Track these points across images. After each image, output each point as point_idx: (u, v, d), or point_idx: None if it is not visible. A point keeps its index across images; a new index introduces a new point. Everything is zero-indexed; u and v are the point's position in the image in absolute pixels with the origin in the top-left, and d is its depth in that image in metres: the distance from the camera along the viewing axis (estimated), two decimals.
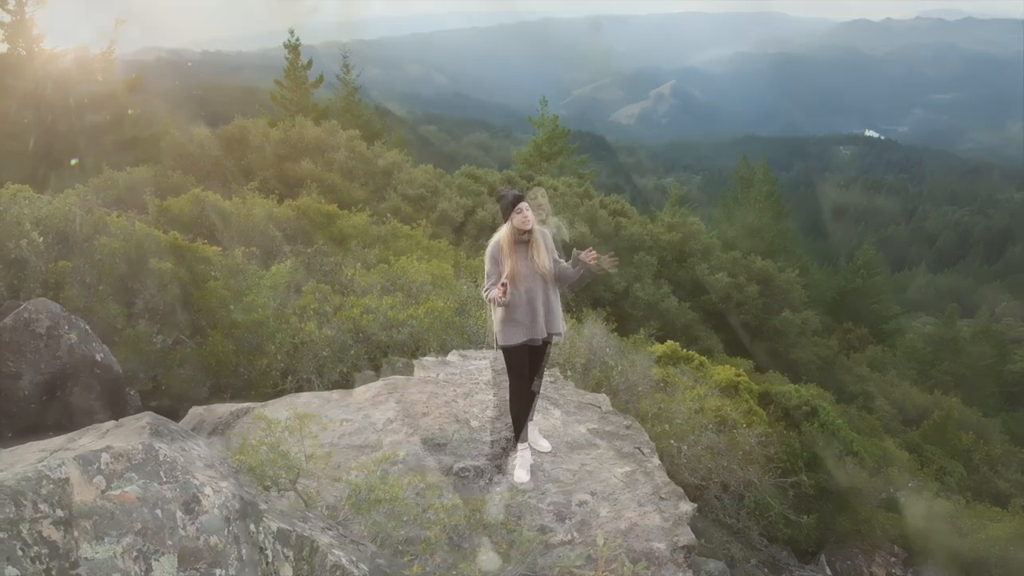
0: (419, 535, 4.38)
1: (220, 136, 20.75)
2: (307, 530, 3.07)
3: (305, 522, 3.21)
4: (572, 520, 5.26)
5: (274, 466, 3.97)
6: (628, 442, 6.25)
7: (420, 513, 4.41)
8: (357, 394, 6.60)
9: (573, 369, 10.17)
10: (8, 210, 10.16)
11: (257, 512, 2.79)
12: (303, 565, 2.92)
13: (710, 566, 5.76)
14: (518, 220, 5.33)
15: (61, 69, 21.62)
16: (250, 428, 6.08)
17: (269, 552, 2.76)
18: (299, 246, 12.57)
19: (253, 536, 2.66)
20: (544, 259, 5.48)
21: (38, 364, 7.44)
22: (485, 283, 5.46)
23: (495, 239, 5.46)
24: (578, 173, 46.49)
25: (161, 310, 10.19)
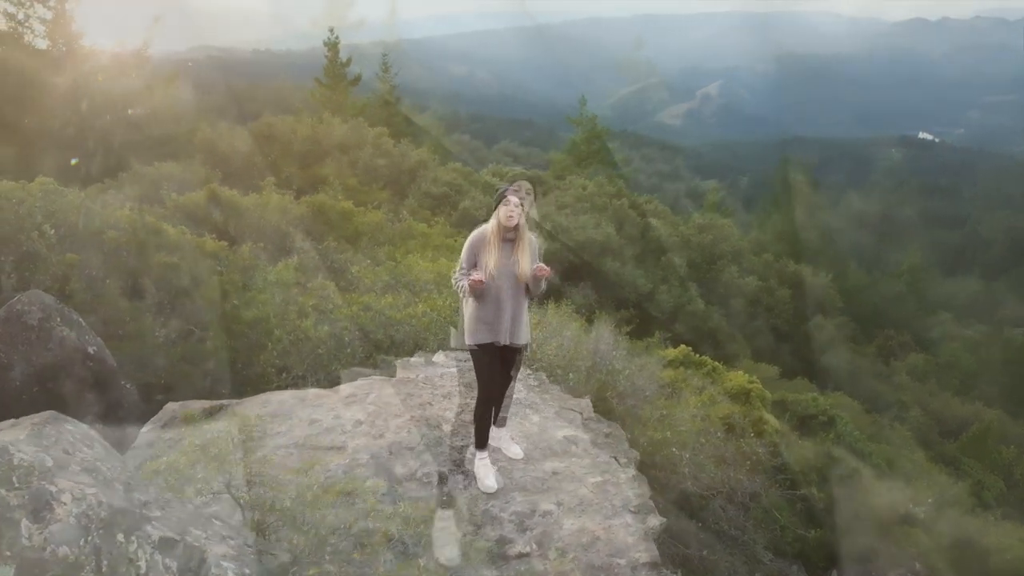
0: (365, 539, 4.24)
1: (249, 133, 20.97)
2: (200, 539, 2.95)
3: (204, 530, 3.09)
4: (533, 531, 5.07)
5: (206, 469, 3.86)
6: (606, 450, 6.04)
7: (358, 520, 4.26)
8: (332, 394, 6.50)
9: (576, 372, 9.95)
10: (22, 203, 10.32)
11: (134, 520, 2.68)
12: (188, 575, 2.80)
13: None
14: (503, 213, 5.14)
15: (98, 65, 22.05)
16: (218, 426, 6.02)
17: (143, 563, 2.65)
18: (311, 242, 12.56)
19: (122, 546, 2.55)
20: (526, 263, 5.27)
21: (29, 356, 7.51)
22: (456, 271, 5.27)
23: (480, 229, 5.30)
24: (616, 173, 46.19)
25: (166, 304, 10.26)
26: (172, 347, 9.63)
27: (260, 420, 6.05)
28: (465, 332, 5.29)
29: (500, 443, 5.81)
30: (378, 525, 4.38)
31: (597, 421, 6.57)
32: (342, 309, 9.49)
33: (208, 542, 3.00)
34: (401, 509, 4.83)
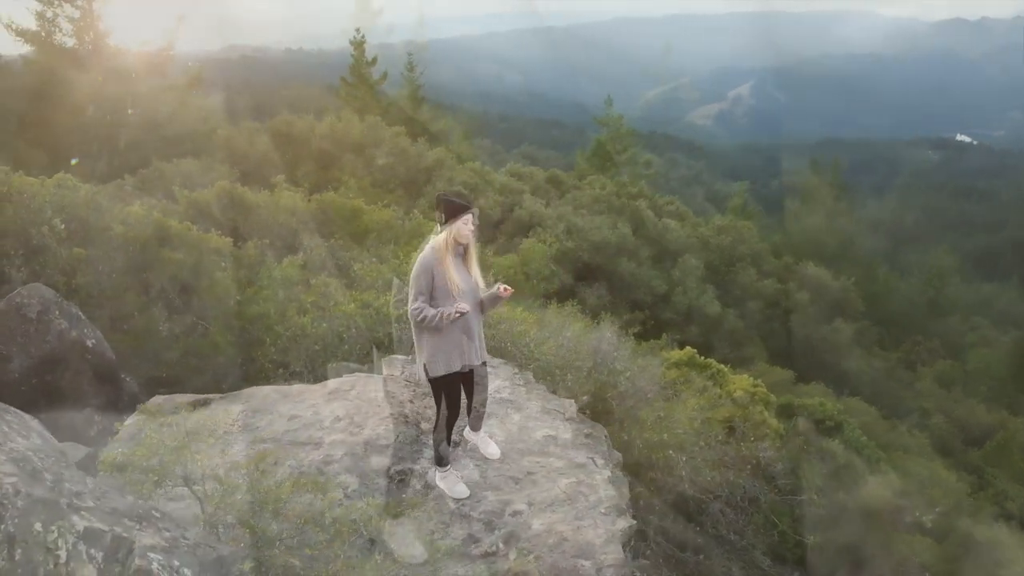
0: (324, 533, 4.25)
1: (267, 131, 21.20)
2: (132, 530, 2.99)
3: (139, 521, 3.12)
4: (502, 531, 5.06)
5: (164, 462, 3.91)
6: (584, 451, 6.00)
7: (321, 514, 4.27)
8: (316, 389, 6.55)
9: (575, 372, 9.89)
10: (33, 198, 10.52)
11: (56, 510, 2.72)
12: (115, 567, 2.83)
13: None
14: (463, 229, 4.94)
15: (124, 64, 22.43)
16: (204, 420, 6.09)
17: (63, 552, 2.68)
18: (319, 240, 12.66)
19: (39, 535, 2.59)
20: (479, 274, 5.19)
21: (28, 348, 7.66)
22: (414, 301, 4.82)
23: (430, 249, 4.89)
24: (641, 174, 46.00)
25: (171, 300, 10.40)
26: (176, 342, 9.76)
27: (242, 414, 6.12)
28: (431, 362, 4.93)
29: (477, 441, 5.80)
30: (342, 519, 4.37)
31: (579, 421, 6.54)
32: (341, 306, 9.54)
33: (140, 533, 3.03)
34: (368, 505, 4.84)
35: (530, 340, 9.42)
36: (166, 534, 3.19)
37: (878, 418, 17.01)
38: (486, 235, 18.34)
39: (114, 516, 3.05)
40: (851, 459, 11.16)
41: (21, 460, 2.80)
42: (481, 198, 19.61)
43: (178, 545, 3.16)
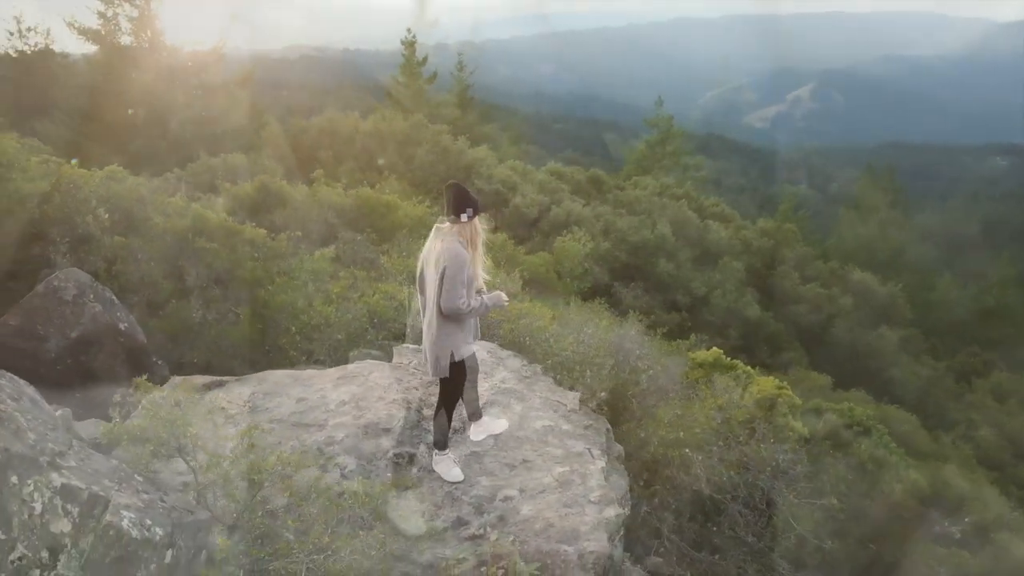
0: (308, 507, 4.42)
1: (312, 128, 21.70)
2: (110, 490, 3.19)
3: (119, 483, 3.33)
4: (490, 515, 5.18)
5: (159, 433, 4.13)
6: (582, 442, 6.08)
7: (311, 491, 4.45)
8: (326, 374, 6.75)
9: (595, 368, 9.94)
10: (80, 188, 11.01)
11: (34, 466, 2.94)
12: (90, 522, 3.04)
13: (630, 574, 5.51)
14: (481, 226, 5.04)
15: (178, 62, 23.20)
16: (217, 400, 6.36)
17: (38, 505, 2.90)
18: (351, 233, 12.95)
19: (15, 488, 2.81)
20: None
21: (64, 329, 8.05)
22: (460, 295, 4.85)
23: (459, 245, 4.90)
24: (690, 175, 45.62)
25: (205, 287, 10.78)
26: (208, 328, 10.12)
27: (253, 396, 6.36)
28: (457, 347, 5.08)
29: (484, 427, 5.93)
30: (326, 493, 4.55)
31: (581, 414, 6.61)
32: (365, 298, 9.77)
33: (117, 494, 3.23)
34: (361, 484, 5.00)
35: (549, 335, 9.50)
36: (144, 496, 3.39)
37: (918, 427, 16.60)
38: (521, 233, 18.47)
39: (94, 477, 3.27)
40: (878, 465, 10.97)
41: (7, 419, 3.02)
42: (518, 196, 19.79)
43: (154, 506, 3.36)
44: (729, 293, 20.18)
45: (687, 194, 28.70)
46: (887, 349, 21.64)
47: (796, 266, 23.49)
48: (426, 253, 5.14)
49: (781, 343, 20.48)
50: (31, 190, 10.57)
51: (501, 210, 19.07)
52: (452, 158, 21.21)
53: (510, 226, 18.44)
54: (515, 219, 18.93)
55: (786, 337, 20.73)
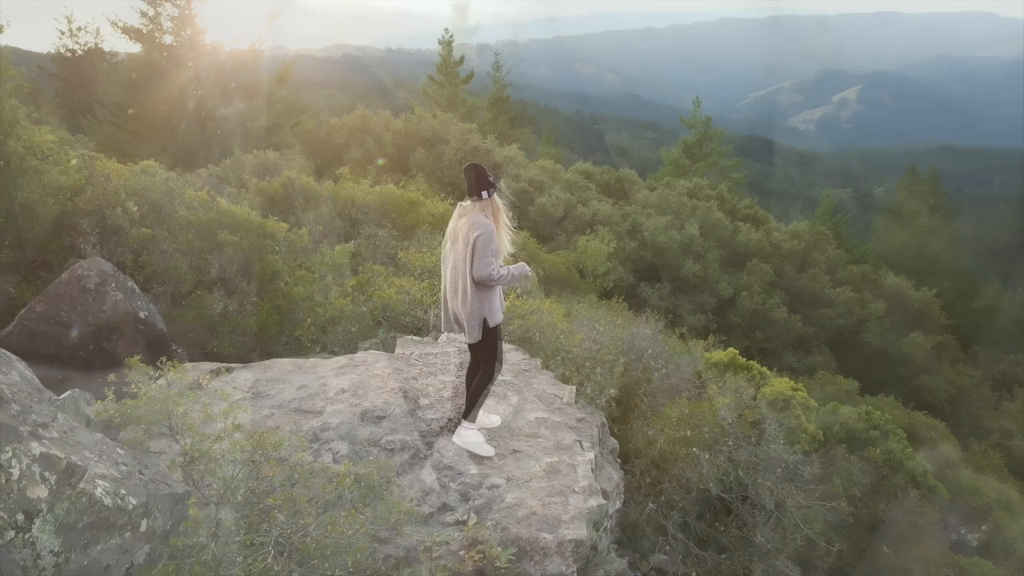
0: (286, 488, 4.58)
1: (344, 125, 22.04)
2: (89, 461, 3.38)
3: (99, 456, 3.52)
4: (475, 502, 5.30)
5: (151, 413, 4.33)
6: (573, 434, 6.17)
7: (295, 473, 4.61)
8: (328, 363, 6.93)
9: (604, 365, 9.99)
10: (110, 180, 11.40)
11: (13, 434, 3.13)
12: (67, 490, 3.23)
13: (613, 565, 5.56)
14: (502, 204, 5.51)
15: (217, 60, 23.75)
16: (223, 386, 6.57)
17: (16, 470, 3.08)
18: (373, 228, 13.17)
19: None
20: None
21: (86, 316, 8.35)
22: (491, 264, 5.21)
23: (486, 217, 5.32)
24: (727, 176, 45.26)
25: (226, 279, 11.08)
26: (228, 319, 10.41)
27: (257, 382, 6.57)
28: (492, 313, 5.40)
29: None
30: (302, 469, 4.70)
31: (576, 408, 6.69)
32: (380, 291, 9.95)
33: (96, 464, 3.42)
34: (346, 466, 5.14)
35: (559, 332, 9.58)
36: (123, 468, 3.57)
37: (946, 434, 16.29)
38: (545, 232, 18.54)
39: (75, 448, 3.45)
40: (893, 469, 10.84)
41: None
42: (544, 195, 19.86)
43: (131, 478, 3.54)
44: (756, 295, 20.00)
45: (720, 195, 28.48)
46: (919, 355, 21.21)
47: (827, 269, 23.16)
48: (452, 231, 5.48)
49: (809, 347, 20.24)
50: (65, 182, 10.97)
51: (526, 209, 19.17)
52: (480, 157, 21.35)
53: (534, 225, 18.53)
54: (540, 218, 19.01)
55: (814, 341, 20.47)
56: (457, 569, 4.67)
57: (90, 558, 3.27)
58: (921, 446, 14.59)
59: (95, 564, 3.29)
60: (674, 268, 19.88)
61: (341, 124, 22.17)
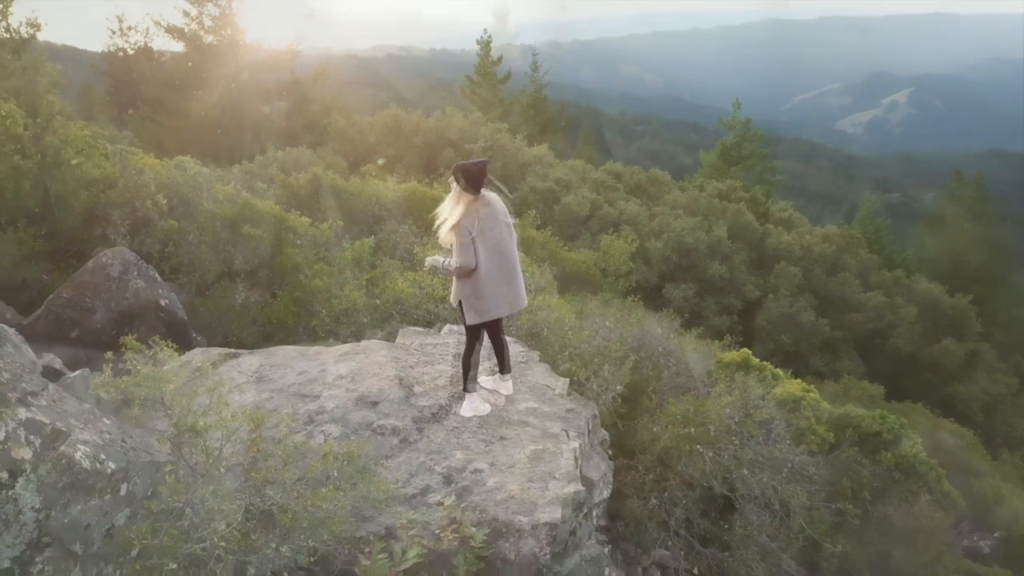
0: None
1: (375, 124, 22.43)
2: (74, 427, 3.65)
3: (85, 424, 3.79)
4: (457, 485, 5.48)
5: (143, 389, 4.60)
6: (560, 424, 6.31)
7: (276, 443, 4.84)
8: (330, 351, 7.18)
9: (612, 362, 10.09)
10: (141, 174, 11.85)
11: (3, 400, 3.41)
12: (50, 453, 3.51)
13: (590, 551, 5.67)
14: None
15: (256, 60, 24.35)
16: (229, 371, 6.87)
17: (2, 433, 3.36)
18: (395, 224, 13.45)
19: None
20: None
21: (109, 302, 8.76)
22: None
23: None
24: (766, 179, 44.83)
25: (249, 270, 11.46)
26: (249, 309, 10.77)
27: (261, 367, 6.85)
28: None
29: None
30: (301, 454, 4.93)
31: (568, 399, 6.82)
32: (393, 285, 10.20)
33: (80, 431, 3.69)
34: (330, 445, 5.35)
35: (567, 328, 9.71)
36: (106, 436, 3.84)
37: (974, 443, 16.02)
38: (570, 231, 18.66)
39: (61, 416, 3.73)
40: (906, 474, 10.74)
41: None
42: (570, 194, 19.97)
43: (112, 445, 3.80)
44: (783, 298, 19.86)
45: (754, 197, 28.27)
46: (951, 362, 20.81)
47: (859, 274, 22.85)
48: (490, 218, 5.85)
49: (837, 351, 20.03)
50: (98, 175, 11.45)
51: (552, 207, 19.31)
52: (508, 156, 21.58)
53: (559, 224, 18.66)
54: (565, 217, 19.13)
55: (842, 345, 20.24)
56: (433, 547, 4.86)
57: (70, 517, 3.54)
58: (943, 453, 14.40)
59: (75, 523, 3.56)
60: (700, 269, 19.83)
61: (373, 123, 22.61)
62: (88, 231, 11.20)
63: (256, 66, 23.93)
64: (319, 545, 4.44)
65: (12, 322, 9.08)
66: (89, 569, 3.66)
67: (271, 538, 4.34)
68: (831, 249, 23.01)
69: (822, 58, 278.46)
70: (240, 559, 3.89)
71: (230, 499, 3.96)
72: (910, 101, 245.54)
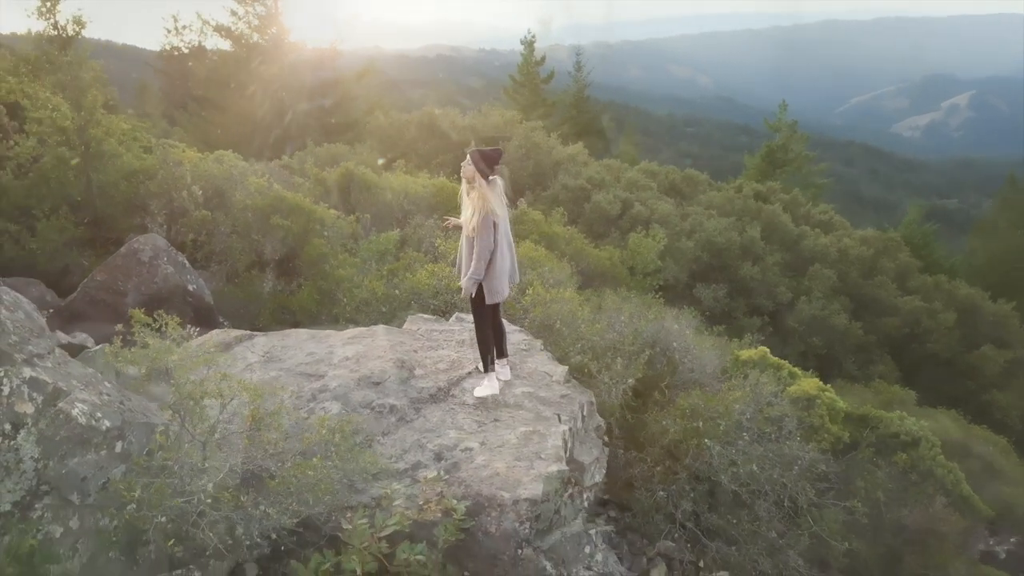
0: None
1: (412, 121, 22.85)
2: (75, 388, 3.99)
3: (86, 385, 4.13)
4: (446, 462, 5.72)
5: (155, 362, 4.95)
6: (553, 408, 6.50)
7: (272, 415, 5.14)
8: (339, 334, 7.48)
9: (625, 356, 10.22)
10: (179, 166, 12.36)
11: (9, 359, 3.76)
12: (50, 409, 3.84)
13: (573, 528, 5.83)
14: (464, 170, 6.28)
15: (300, 58, 24.99)
16: (243, 351, 7.22)
17: (7, 388, 3.70)
18: (422, 218, 13.77)
19: None
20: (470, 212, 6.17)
21: (140, 286, 9.22)
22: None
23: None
24: (810, 182, 44.23)
25: (279, 260, 11.88)
26: (274, 296, 11.19)
27: (273, 348, 7.18)
28: None
29: None
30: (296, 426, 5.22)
31: (564, 385, 7.00)
32: (414, 276, 10.49)
33: (81, 392, 4.02)
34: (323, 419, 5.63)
35: (580, 321, 9.88)
36: (104, 397, 4.17)
37: (1007, 450, 15.69)
38: (599, 229, 18.77)
39: (64, 377, 4.07)
40: (922, 477, 10.65)
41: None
42: (601, 192, 20.05)
43: (110, 405, 4.13)
44: (816, 300, 19.66)
45: (794, 199, 27.98)
46: (990, 369, 20.33)
47: (897, 277, 22.47)
48: (500, 197, 6.22)
49: (871, 355, 19.74)
50: (139, 166, 11.99)
51: (582, 205, 19.43)
52: (542, 154, 21.77)
53: (588, 222, 18.80)
54: (595, 215, 19.24)
55: (876, 349, 19.94)
56: (417, 517, 5.10)
57: (68, 468, 3.87)
58: (972, 459, 14.16)
59: (72, 474, 3.89)
60: (732, 270, 19.75)
61: (410, 120, 23.03)
62: (127, 220, 11.73)
63: (300, 64, 24.56)
64: (304, 509, 4.73)
65: (51, 303, 9.63)
66: (87, 518, 3.99)
67: (259, 500, 4.64)
68: (868, 252, 22.68)
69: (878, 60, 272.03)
70: (225, 515, 4.18)
71: (216, 459, 4.24)
72: (971, 104, 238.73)
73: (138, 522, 3.98)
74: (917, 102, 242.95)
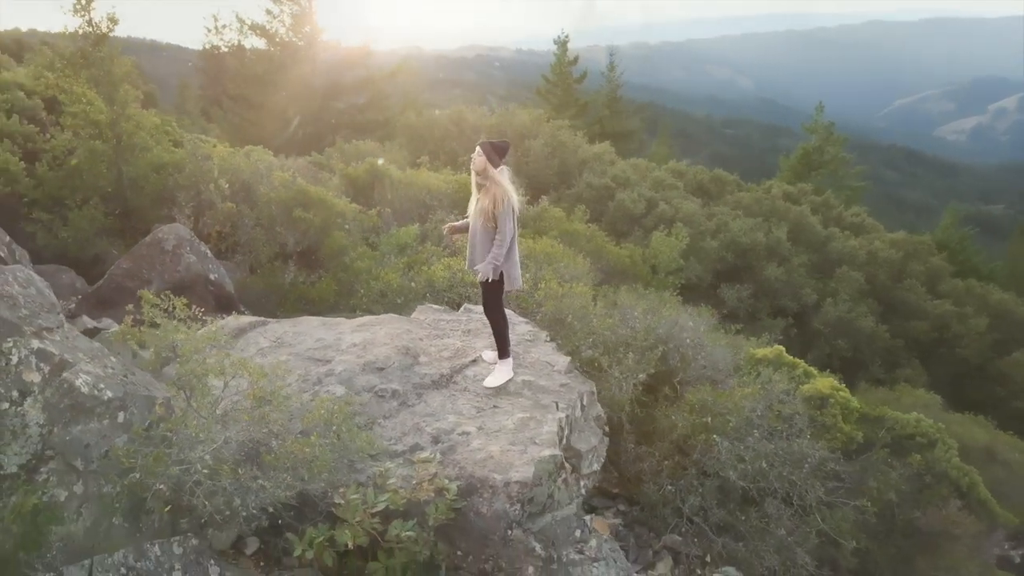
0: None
1: (440, 119, 23.12)
2: (81, 360, 4.23)
3: (91, 358, 4.36)
4: (443, 444, 5.89)
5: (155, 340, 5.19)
6: (552, 396, 6.63)
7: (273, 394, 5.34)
8: (349, 322, 7.70)
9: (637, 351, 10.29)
10: (207, 159, 12.72)
11: (16, 330, 4.00)
12: (56, 379, 4.09)
13: (563, 512, 5.94)
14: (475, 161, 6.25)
15: (333, 57, 25.41)
16: (256, 336, 7.47)
17: (15, 357, 3.94)
18: (443, 213, 13.98)
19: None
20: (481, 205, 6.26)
21: (163, 274, 9.54)
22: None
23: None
24: (845, 185, 43.67)
25: (301, 252, 12.17)
26: (295, 287, 11.47)
27: (284, 334, 7.42)
28: None
29: None
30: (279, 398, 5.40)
31: (566, 375, 7.12)
32: (430, 269, 10.69)
33: (86, 364, 4.26)
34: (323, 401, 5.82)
35: (592, 315, 9.98)
36: (109, 370, 4.40)
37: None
38: (622, 227, 18.81)
39: (71, 350, 4.31)
40: (938, 479, 10.56)
41: (7, 297, 4.12)
42: (625, 191, 20.08)
43: (113, 377, 4.36)
44: (842, 303, 19.47)
45: (826, 201, 27.72)
46: (1021, 376, 19.94)
47: (927, 281, 22.14)
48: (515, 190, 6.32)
49: (898, 358, 19.50)
50: (168, 159, 12.37)
51: (607, 204, 19.50)
52: (567, 152, 21.87)
53: (611, 220, 18.85)
54: (619, 214, 19.28)
55: (903, 353, 19.68)
56: (410, 496, 5.27)
57: (71, 435, 4.10)
58: (997, 464, 13.98)
59: (76, 441, 4.12)
60: (757, 270, 19.66)
61: (439, 118, 23.30)
62: (156, 211, 12.11)
63: (333, 63, 24.98)
64: (299, 484, 4.93)
65: (81, 290, 10.01)
66: (90, 484, 4.22)
67: (256, 474, 4.85)
68: (898, 255, 22.38)
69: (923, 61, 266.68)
70: (220, 485, 4.39)
71: (214, 431, 4.46)
72: (1020, 107, 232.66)
73: (138, 489, 4.20)
74: (963, 105, 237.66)
